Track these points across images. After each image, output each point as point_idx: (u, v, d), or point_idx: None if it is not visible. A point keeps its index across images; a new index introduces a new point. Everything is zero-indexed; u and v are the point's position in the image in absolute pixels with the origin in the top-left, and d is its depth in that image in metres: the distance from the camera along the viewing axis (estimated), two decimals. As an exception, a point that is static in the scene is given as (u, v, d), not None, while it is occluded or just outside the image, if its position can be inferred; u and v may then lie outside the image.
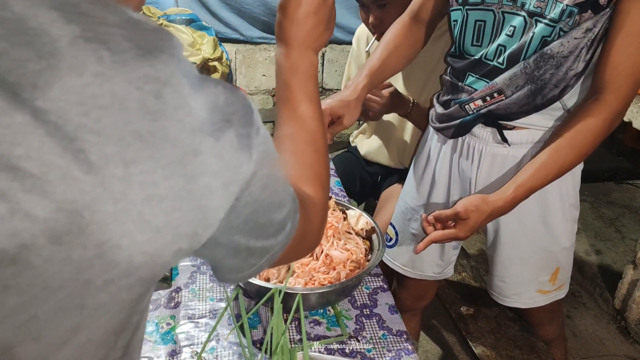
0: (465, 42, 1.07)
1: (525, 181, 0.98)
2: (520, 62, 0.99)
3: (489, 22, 1.02)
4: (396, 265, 1.38)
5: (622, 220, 2.84)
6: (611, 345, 2.07)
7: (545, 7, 0.93)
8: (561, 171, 0.98)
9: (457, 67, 1.12)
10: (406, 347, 0.94)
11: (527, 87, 1.00)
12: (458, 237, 1.02)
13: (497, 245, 1.20)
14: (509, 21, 0.99)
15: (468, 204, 1.00)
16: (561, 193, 1.11)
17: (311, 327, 0.98)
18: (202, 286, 1.07)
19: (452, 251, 1.33)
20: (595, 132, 0.95)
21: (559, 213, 1.13)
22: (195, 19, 2.55)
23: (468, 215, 1.00)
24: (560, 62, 0.96)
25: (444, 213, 1.03)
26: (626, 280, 2.08)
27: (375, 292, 1.08)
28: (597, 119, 0.94)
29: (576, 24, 0.92)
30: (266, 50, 2.97)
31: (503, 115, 1.06)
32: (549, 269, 1.20)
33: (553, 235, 1.15)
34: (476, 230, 1.03)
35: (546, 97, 1.01)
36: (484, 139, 1.11)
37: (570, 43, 0.94)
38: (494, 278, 1.26)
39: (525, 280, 1.21)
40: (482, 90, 1.05)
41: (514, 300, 1.25)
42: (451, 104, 1.14)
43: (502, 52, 1.01)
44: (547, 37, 0.95)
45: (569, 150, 0.96)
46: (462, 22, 1.06)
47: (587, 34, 0.93)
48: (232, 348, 0.92)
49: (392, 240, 1.37)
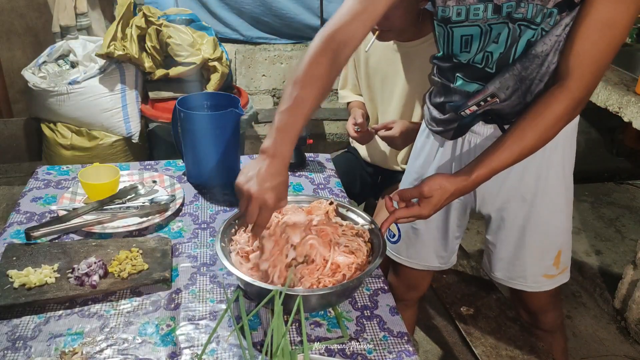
0: (454, 51, 1.09)
1: (488, 162, 1.01)
2: (508, 66, 1.02)
3: (475, 36, 1.04)
4: (402, 259, 1.40)
5: (622, 220, 2.84)
6: (611, 345, 2.07)
7: (526, 12, 0.96)
8: (523, 153, 1.01)
9: (444, 68, 1.14)
10: (407, 349, 0.94)
11: (518, 89, 1.04)
12: (421, 215, 1.04)
13: (501, 230, 1.24)
14: (497, 30, 1.01)
15: (432, 182, 1.02)
16: (558, 175, 1.16)
17: (312, 328, 0.98)
18: (203, 288, 1.07)
19: (455, 240, 1.36)
20: (557, 117, 0.98)
21: (561, 196, 1.18)
22: (195, 19, 2.55)
23: (432, 193, 1.01)
24: (543, 60, 1.00)
25: (408, 191, 1.05)
26: (626, 280, 2.08)
27: (376, 293, 1.08)
28: (560, 104, 0.97)
29: (557, 22, 0.96)
30: (266, 50, 2.96)
31: (499, 115, 1.09)
32: (552, 252, 1.23)
33: (554, 216, 1.20)
34: (439, 209, 1.05)
35: (534, 93, 1.05)
36: (485, 135, 1.15)
37: (551, 40, 0.98)
38: (496, 262, 1.29)
39: (529, 263, 1.24)
40: (475, 97, 1.07)
41: (520, 283, 1.28)
42: (446, 108, 1.16)
43: (489, 58, 1.05)
44: (531, 39, 0.99)
45: (532, 134, 0.99)
46: (447, 37, 1.08)
47: (565, 29, 0.97)
48: (232, 350, 0.92)
49: (395, 237, 1.39)
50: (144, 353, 0.90)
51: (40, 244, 1.13)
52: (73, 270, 1.04)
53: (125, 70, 2.39)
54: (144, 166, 1.53)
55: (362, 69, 1.68)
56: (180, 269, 1.12)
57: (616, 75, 2.21)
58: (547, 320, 1.40)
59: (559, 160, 1.16)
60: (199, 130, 1.35)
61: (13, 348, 0.90)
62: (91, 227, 1.21)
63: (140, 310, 1.00)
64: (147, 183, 1.40)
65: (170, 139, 1.53)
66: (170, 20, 2.43)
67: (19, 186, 2.61)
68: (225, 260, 0.98)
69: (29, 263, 1.06)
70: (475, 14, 1.00)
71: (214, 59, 2.39)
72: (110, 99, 2.37)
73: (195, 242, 1.21)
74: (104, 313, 0.98)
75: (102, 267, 1.04)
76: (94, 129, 2.42)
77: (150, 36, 2.36)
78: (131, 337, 0.93)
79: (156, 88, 2.48)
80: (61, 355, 0.88)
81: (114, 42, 2.28)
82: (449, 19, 1.03)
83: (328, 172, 1.55)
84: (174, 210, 1.29)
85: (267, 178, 0.90)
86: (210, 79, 2.43)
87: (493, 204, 1.23)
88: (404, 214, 1.05)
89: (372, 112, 1.75)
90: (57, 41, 2.56)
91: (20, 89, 2.86)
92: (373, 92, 1.69)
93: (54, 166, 1.51)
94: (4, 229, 1.22)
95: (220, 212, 1.32)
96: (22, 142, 2.78)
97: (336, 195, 1.43)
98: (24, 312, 0.97)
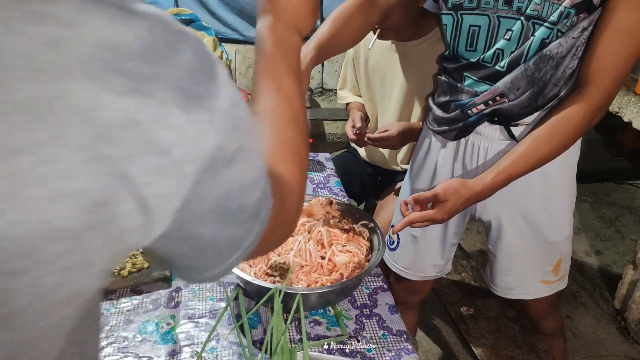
0: (459, 47, 1.08)
1: (505, 168, 1.00)
2: (520, 65, 1.00)
3: (483, 27, 1.02)
4: (398, 269, 1.37)
5: (622, 220, 2.84)
6: (611, 346, 2.07)
7: (542, 9, 0.94)
8: (541, 160, 1.00)
9: (452, 68, 1.12)
10: (406, 347, 0.94)
11: (529, 90, 1.01)
12: (435, 219, 1.03)
13: (501, 239, 1.22)
14: (505, 25, 0.99)
15: (447, 186, 1.01)
16: (563, 184, 1.14)
17: (311, 327, 0.98)
18: (202, 286, 1.07)
19: (451, 248, 1.34)
20: (575, 124, 0.97)
21: (561, 203, 1.16)
22: (195, 19, 2.55)
23: (447, 197, 1.00)
24: (559, 62, 0.98)
25: (423, 195, 1.04)
26: (626, 281, 2.08)
27: (375, 292, 1.08)
28: (578, 111, 0.96)
29: (574, 24, 0.93)
30: (266, 50, 2.97)
31: (506, 116, 1.07)
32: (552, 260, 1.22)
33: (556, 225, 1.17)
34: (454, 214, 1.04)
35: (547, 97, 1.02)
36: (489, 136, 1.12)
37: (568, 43, 0.95)
38: (497, 273, 1.27)
39: (529, 272, 1.23)
40: (484, 95, 1.05)
41: (520, 292, 1.26)
42: (451, 107, 1.14)
43: (500, 56, 1.02)
44: (545, 39, 0.96)
45: (549, 141, 0.98)
46: (455, 27, 1.07)
47: (583, 33, 0.95)
48: (232, 348, 0.92)
49: (394, 244, 1.36)
50: (144, 351, 0.90)
51: (40, 243, 1.13)
52: (73, 268, 1.04)
53: (125, 70, 2.39)
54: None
55: (361, 69, 1.68)
56: (180, 267, 1.12)
57: (616, 75, 2.21)
58: (547, 326, 1.40)
59: (562, 167, 1.12)
60: (199, 129, 1.35)
61: (13, 346, 0.90)
62: (91, 226, 1.21)
63: (140, 308, 1.00)
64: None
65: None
66: (170, 21, 2.43)
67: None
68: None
69: (29, 261, 1.06)
70: (486, 2, 0.99)
71: (214, 59, 2.40)
72: (110, 99, 2.37)
73: (195, 241, 1.21)
74: (104, 311, 0.99)
75: (102, 266, 1.04)
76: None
77: (150, 36, 2.36)
78: (131, 335, 0.93)
79: (156, 88, 2.48)
80: (61, 353, 0.88)
81: (115, 42, 2.29)
82: (461, 4, 1.02)
83: (328, 172, 1.55)
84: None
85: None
86: (210, 79, 2.43)
87: (493, 210, 1.20)
88: (417, 218, 1.03)
89: (372, 112, 1.75)
90: (58, 41, 2.56)
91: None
92: (372, 92, 1.69)
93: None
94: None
95: (220, 211, 1.32)
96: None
97: (336, 194, 1.43)
98: (24, 311, 0.97)
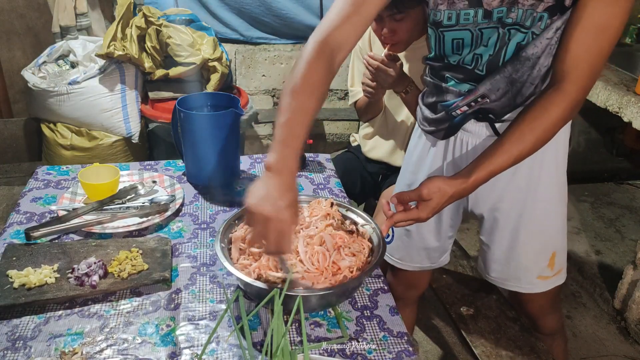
0: (445, 52, 1.10)
1: (486, 165, 1.01)
2: (499, 68, 1.03)
3: (467, 39, 1.04)
4: (393, 260, 1.41)
5: (622, 220, 2.84)
6: (611, 346, 2.07)
7: (516, 16, 0.97)
8: (521, 156, 1.01)
9: (436, 68, 1.15)
10: (407, 349, 0.94)
11: (508, 91, 1.05)
12: (419, 218, 1.03)
13: (494, 230, 1.24)
14: (488, 35, 1.02)
15: (431, 185, 1.01)
16: (551, 176, 1.17)
17: (312, 328, 0.98)
18: (202, 288, 1.07)
19: (448, 240, 1.37)
20: (555, 120, 0.99)
21: (549, 196, 1.18)
22: (195, 19, 2.55)
23: (431, 196, 1.01)
24: (535, 62, 1.01)
25: (406, 194, 1.04)
26: (626, 281, 2.08)
27: (376, 293, 1.08)
28: (557, 107, 0.98)
29: (547, 26, 0.96)
30: (266, 50, 2.96)
31: (489, 113, 1.10)
32: (546, 254, 1.23)
33: (547, 217, 1.20)
34: (437, 212, 1.04)
35: (525, 96, 1.06)
36: (476, 133, 1.15)
37: (542, 43, 0.98)
38: (491, 263, 1.29)
39: (523, 265, 1.24)
40: (466, 98, 1.08)
41: (514, 284, 1.28)
42: (438, 107, 1.17)
43: (479, 60, 1.05)
44: (521, 42, 1.00)
45: (530, 137, 1.00)
46: (438, 39, 1.09)
47: (557, 33, 0.97)
48: (232, 350, 0.92)
49: (389, 237, 1.39)
50: (144, 353, 0.90)
51: (40, 244, 1.13)
52: (73, 270, 1.04)
53: (125, 70, 2.39)
54: (143, 166, 1.53)
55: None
56: (180, 269, 1.12)
57: (616, 75, 2.21)
58: (547, 325, 1.40)
59: (551, 160, 1.16)
60: (199, 130, 1.35)
61: (13, 348, 0.90)
62: (91, 227, 1.21)
63: (140, 310, 1.00)
64: (147, 183, 1.40)
65: (170, 139, 1.53)
66: (170, 21, 2.43)
67: (19, 186, 2.61)
68: (225, 261, 0.98)
69: (28, 263, 1.06)
70: (465, 19, 1.00)
71: (213, 59, 2.39)
72: (110, 99, 2.37)
73: (195, 242, 1.21)
74: (104, 313, 0.98)
75: (102, 267, 1.04)
76: (93, 129, 2.42)
77: (150, 36, 2.36)
78: (131, 337, 0.93)
79: (156, 88, 2.48)
80: (61, 356, 0.88)
81: (114, 42, 2.28)
82: (440, 22, 1.03)
83: (328, 172, 1.55)
84: (173, 210, 1.29)
85: (279, 196, 0.84)
86: (210, 79, 2.43)
87: (485, 204, 1.23)
88: (402, 218, 1.04)
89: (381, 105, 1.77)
90: (57, 41, 2.56)
91: (20, 89, 2.87)
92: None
93: (53, 166, 1.51)
94: (3, 229, 1.22)
95: (220, 212, 1.32)
96: (22, 142, 2.78)
97: (336, 195, 1.43)
98: (24, 312, 0.97)
